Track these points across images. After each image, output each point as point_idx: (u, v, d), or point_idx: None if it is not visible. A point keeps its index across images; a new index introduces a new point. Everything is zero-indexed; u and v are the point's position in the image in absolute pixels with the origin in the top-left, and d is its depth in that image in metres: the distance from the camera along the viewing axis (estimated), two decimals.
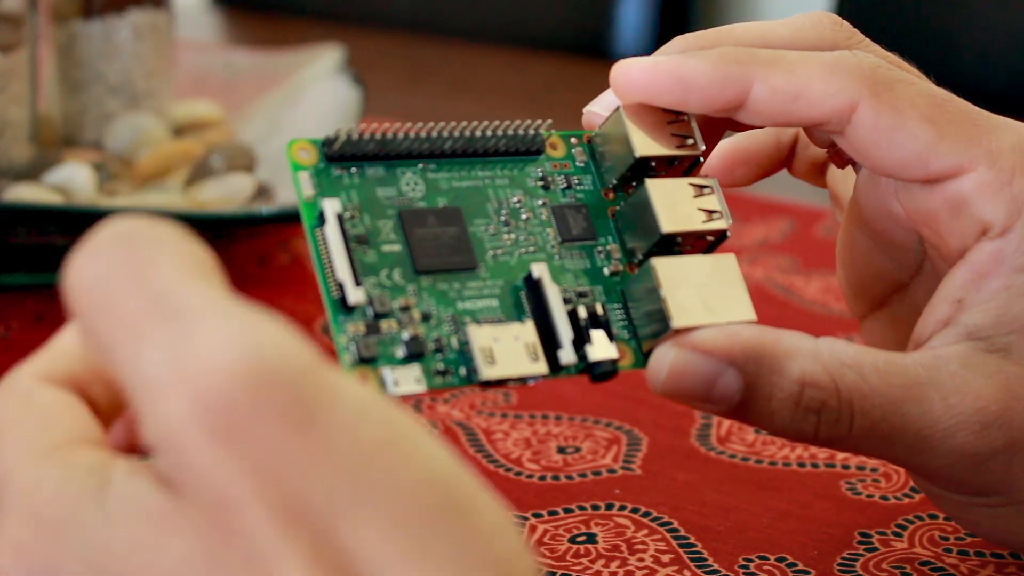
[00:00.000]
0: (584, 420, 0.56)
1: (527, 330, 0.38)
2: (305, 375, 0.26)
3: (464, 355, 0.38)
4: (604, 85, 0.43)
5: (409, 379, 0.37)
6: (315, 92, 0.79)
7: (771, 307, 0.67)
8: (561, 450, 0.54)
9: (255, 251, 0.73)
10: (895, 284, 0.45)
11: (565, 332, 0.39)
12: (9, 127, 0.73)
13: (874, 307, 0.46)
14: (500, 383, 0.38)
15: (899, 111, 0.40)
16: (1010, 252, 0.40)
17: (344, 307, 0.37)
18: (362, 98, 0.76)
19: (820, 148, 0.45)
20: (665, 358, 0.39)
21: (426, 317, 0.38)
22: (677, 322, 0.39)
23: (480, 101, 1.07)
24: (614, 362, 0.39)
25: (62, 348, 0.33)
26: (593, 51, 1.26)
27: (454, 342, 0.38)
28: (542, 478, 0.52)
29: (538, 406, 0.57)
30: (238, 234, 0.69)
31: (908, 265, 0.44)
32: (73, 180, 0.71)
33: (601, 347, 0.39)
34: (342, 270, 0.37)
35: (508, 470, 0.52)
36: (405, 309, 0.38)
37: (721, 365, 0.38)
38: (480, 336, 0.38)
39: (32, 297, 0.67)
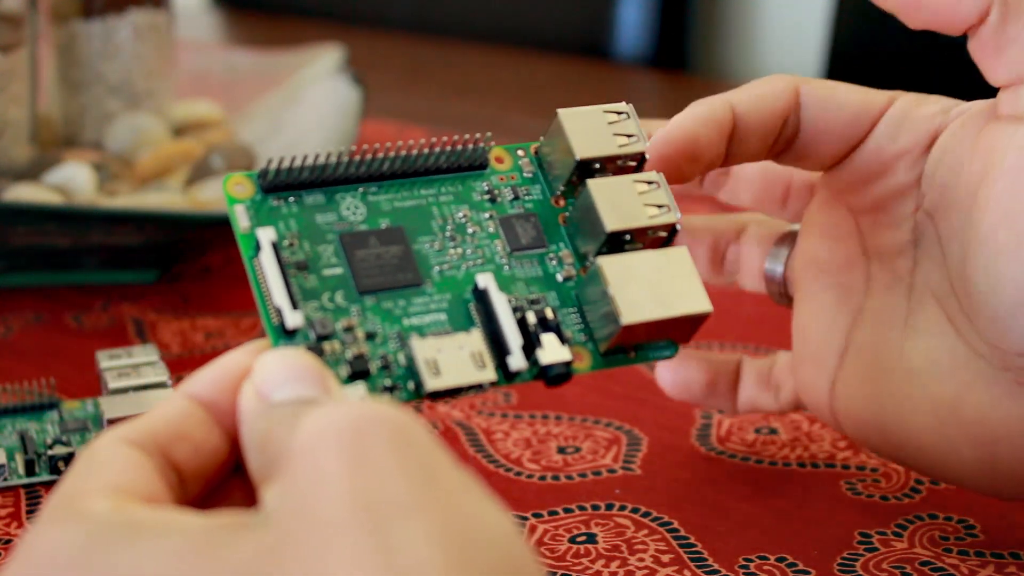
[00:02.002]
0: (584, 420, 0.56)
1: (473, 339, 0.38)
2: (405, 419, 0.32)
3: (411, 369, 0.38)
4: (604, 85, 0.43)
5: (354, 397, 0.37)
6: (315, 92, 0.79)
7: (771, 307, 0.67)
8: (561, 450, 0.54)
9: None
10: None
11: (513, 338, 0.39)
12: (9, 127, 0.73)
13: (838, 358, 0.47)
14: (451, 394, 0.38)
15: (829, 86, 0.47)
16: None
17: (284, 332, 0.37)
18: (362, 98, 0.76)
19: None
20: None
21: (371, 336, 0.38)
22: (626, 318, 0.39)
23: (480, 101, 1.07)
24: (567, 364, 0.39)
25: (152, 413, 0.36)
26: (593, 51, 1.26)
27: (401, 358, 0.38)
28: (542, 478, 0.52)
29: (538, 406, 0.57)
30: None
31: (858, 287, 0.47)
32: (73, 180, 0.71)
33: (551, 350, 0.39)
34: (279, 295, 0.37)
35: (508, 470, 0.52)
36: (349, 330, 0.38)
37: None
38: (424, 348, 0.38)
39: (32, 297, 0.67)
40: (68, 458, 0.51)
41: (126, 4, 0.78)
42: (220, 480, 0.36)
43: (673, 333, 0.40)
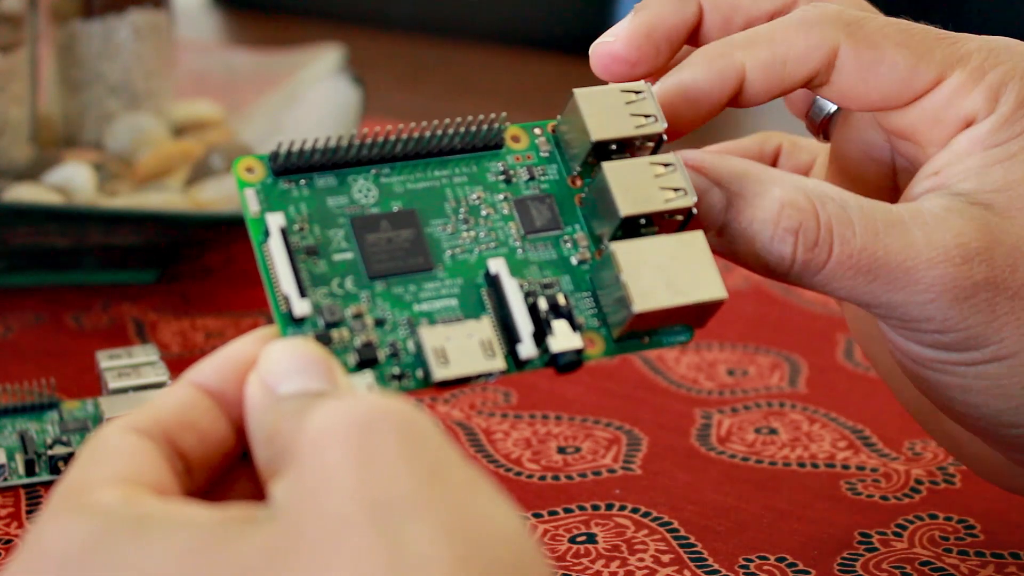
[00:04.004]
0: (584, 420, 0.56)
1: (482, 327, 0.38)
2: (414, 414, 0.32)
3: (420, 358, 0.38)
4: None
5: (361, 386, 0.37)
6: (315, 92, 0.79)
7: (771, 307, 0.67)
8: (561, 450, 0.54)
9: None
10: None
11: (524, 325, 0.38)
12: (9, 127, 0.73)
13: None
14: (459, 382, 0.37)
15: (875, 44, 0.41)
16: (984, 134, 0.41)
17: (293, 320, 0.37)
18: (362, 98, 0.76)
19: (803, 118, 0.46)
20: None
21: (380, 323, 0.38)
22: (638, 306, 0.38)
23: (480, 101, 1.07)
24: (578, 352, 0.39)
25: (156, 401, 0.35)
26: None
27: (410, 345, 0.38)
28: (542, 478, 0.52)
29: (538, 406, 0.57)
30: (238, 234, 0.69)
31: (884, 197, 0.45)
32: (73, 180, 0.71)
33: (563, 337, 0.38)
34: (287, 283, 0.37)
35: (508, 470, 0.52)
36: (358, 316, 0.38)
37: (707, 183, 0.40)
38: (432, 337, 0.37)
39: (32, 297, 0.67)
40: (68, 458, 0.51)
41: (126, 4, 0.78)
42: (226, 469, 0.36)
43: (688, 319, 0.40)
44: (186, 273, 0.70)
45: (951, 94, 0.41)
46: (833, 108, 0.46)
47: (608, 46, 0.43)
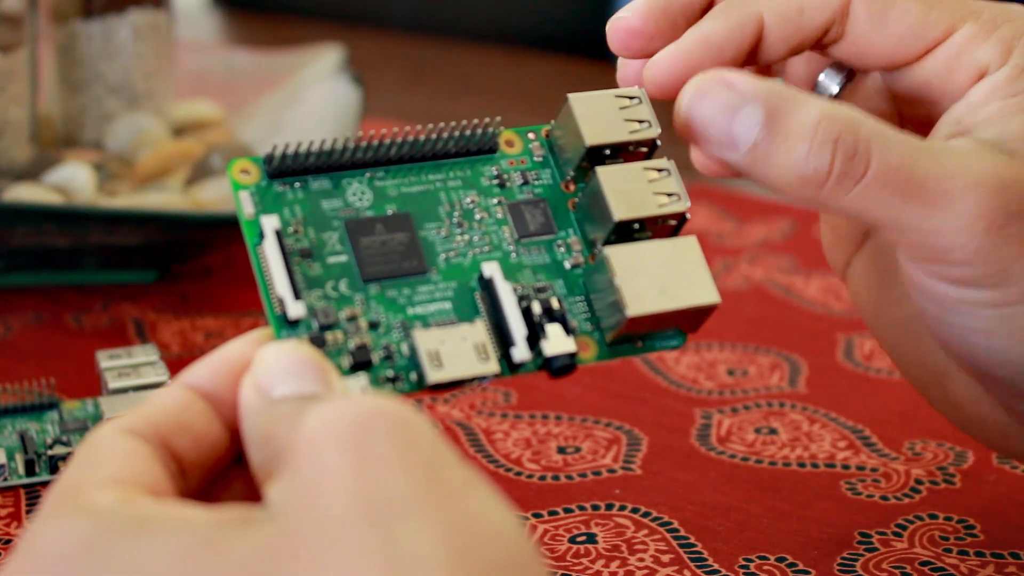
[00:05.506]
0: (584, 420, 0.56)
1: (476, 330, 0.38)
2: (409, 415, 0.32)
3: (414, 360, 0.38)
4: (604, 86, 0.43)
5: (355, 389, 0.37)
6: (315, 92, 0.79)
7: (771, 307, 0.67)
8: (561, 450, 0.54)
9: None
10: None
11: (518, 329, 0.38)
12: (9, 127, 0.73)
13: (856, 245, 0.46)
14: (453, 385, 0.37)
15: None
16: (1002, 82, 0.41)
17: (287, 322, 0.37)
18: (362, 98, 0.76)
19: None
20: (693, 80, 0.40)
21: (374, 325, 0.38)
22: (632, 310, 0.39)
23: (480, 101, 1.07)
24: (572, 356, 0.39)
25: (151, 403, 0.35)
26: (593, 51, 1.26)
27: (404, 348, 0.38)
28: (542, 478, 0.52)
29: (538, 406, 0.57)
30: (238, 234, 0.69)
31: None
32: (73, 180, 0.71)
33: (556, 341, 0.39)
34: (281, 285, 0.37)
35: (508, 470, 0.52)
36: (352, 319, 0.38)
37: (742, 99, 0.39)
38: (426, 340, 0.37)
39: (32, 297, 0.67)
40: (68, 458, 0.51)
41: (126, 4, 0.78)
42: (220, 471, 0.36)
43: (681, 323, 0.40)
44: (186, 273, 0.70)
45: (964, 43, 0.42)
46: (837, 89, 0.46)
47: (625, 21, 0.43)
